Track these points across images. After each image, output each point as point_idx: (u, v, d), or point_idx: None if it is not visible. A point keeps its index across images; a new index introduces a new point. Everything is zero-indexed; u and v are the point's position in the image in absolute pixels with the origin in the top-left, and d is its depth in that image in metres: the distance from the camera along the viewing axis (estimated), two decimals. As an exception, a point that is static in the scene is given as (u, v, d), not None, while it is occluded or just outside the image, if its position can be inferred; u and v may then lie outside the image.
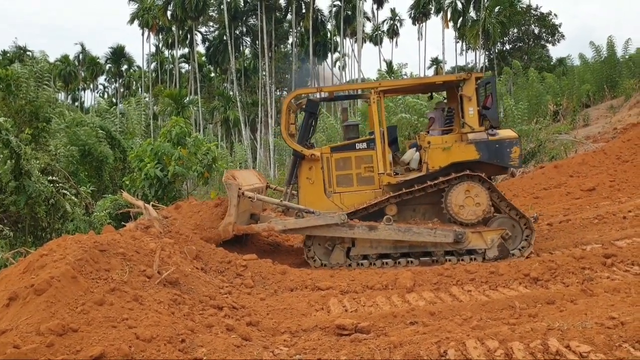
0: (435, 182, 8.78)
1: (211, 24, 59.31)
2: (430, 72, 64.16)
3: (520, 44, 50.73)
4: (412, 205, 9.09)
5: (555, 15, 50.91)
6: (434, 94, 11.44)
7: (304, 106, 9.62)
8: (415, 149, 9.70)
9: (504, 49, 51.65)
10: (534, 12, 49.71)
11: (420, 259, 8.82)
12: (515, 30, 50.52)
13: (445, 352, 4.64)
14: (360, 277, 7.78)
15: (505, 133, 9.26)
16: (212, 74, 63.04)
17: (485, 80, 9.43)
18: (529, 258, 8.52)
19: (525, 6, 49.23)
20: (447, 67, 57.82)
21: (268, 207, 10.20)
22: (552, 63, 46.89)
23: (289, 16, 53.01)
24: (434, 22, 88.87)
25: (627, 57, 27.97)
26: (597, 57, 28.64)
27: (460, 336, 4.95)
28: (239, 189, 8.83)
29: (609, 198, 13.06)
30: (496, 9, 47.21)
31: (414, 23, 59.72)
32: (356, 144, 9.24)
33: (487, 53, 51.72)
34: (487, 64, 50.59)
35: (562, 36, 50.80)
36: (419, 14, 57.29)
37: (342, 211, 8.82)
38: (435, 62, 63.98)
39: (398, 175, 9.30)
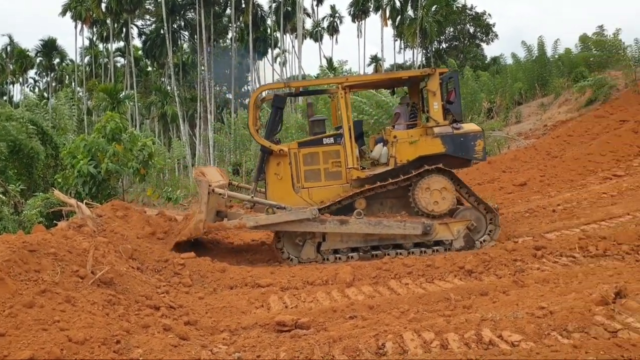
0: (408, 175, 8.89)
1: (148, 17, 57.88)
2: (370, 70, 64.84)
3: (456, 43, 52.01)
4: (379, 199, 9.17)
5: (490, 15, 52.66)
6: (396, 89, 11.53)
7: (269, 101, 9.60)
8: (382, 143, 9.76)
9: (441, 47, 52.83)
10: (469, 12, 51.10)
11: (391, 250, 8.93)
12: (451, 29, 51.78)
13: (383, 344, 4.71)
14: (301, 273, 7.79)
15: (469, 127, 9.46)
16: (149, 69, 61.52)
17: (448, 75, 9.56)
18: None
19: (460, 6, 50.55)
20: (386, 65, 58.73)
21: (234, 203, 10.06)
22: (486, 62, 48.23)
23: (228, 11, 52.39)
24: (373, 19, 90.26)
25: (556, 56, 29.08)
26: (528, 56, 29.66)
27: (398, 329, 5.03)
28: (209, 185, 8.68)
29: (539, 192, 13.61)
30: (433, 8, 48.21)
31: (353, 20, 60.28)
32: (323, 139, 9.24)
33: (424, 51, 52.78)
34: (424, 62, 51.61)
35: (496, 36, 52.47)
36: (358, 12, 57.82)
37: (311, 206, 8.79)
38: (375, 59, 64.74)
39: (365, 169, 9.36)
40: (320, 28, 64.17)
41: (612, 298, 5.43)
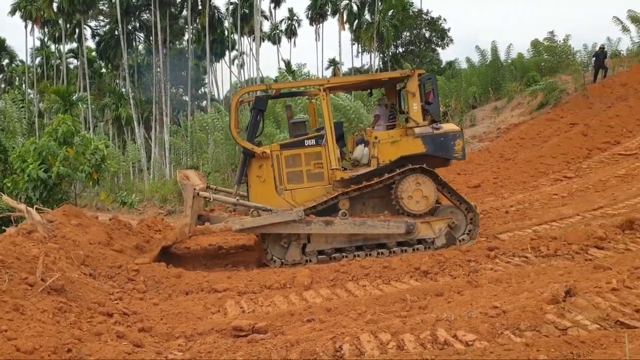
0: (393, 174, 8.99)
1: (101, 18, 56.58)
2: (328, 73, 65.06)
3: (413, 47, 52.71)
4: (362, 200, 9.22)
5: (445, 20, 53.24)
6: (375, 91, 11.63)
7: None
8: (363, 144, 9.79)
9: (397, 51, 53.41)
10: (424, 17, 51.88)
11: (372, 250, 8.99)
12: (408, 34, 52.46)
13: (340, 347, 4.71)
14: (259, 277, 7.74)
15: (449, 127, 9.62)
16: (103, 70, 60.15)
17: (427, 77, 9.65)
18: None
19: (416, 11, 51.24)
20: (344, 69, 58.97)
21: (214, 206, 9.89)
22: (442, 66, 49.04)
23: (184, 12, 51.69)
24: (331, 23, 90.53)
25: (509, 61, 29.80)
26: (482, 61, 30.31)
27: (355, 331, 5.05)
28: (194, 189, 8.54)
29: (493, 194, 13.91)
30: (390, 13, 48.74)
31: (311, 24, 60.32)
32: (305, 141, 9.22)
33: (381, 55, 53.29)
34: (381, 66, 52.12)
35: (451, 40, 53.37)
36: (316, 15, 57.91)
37: (294, 208, 8.77)
38: (333, 63, 64.99)
39: (347, 170, 9.40)
40: (278, 31, 64.06)
41: (563, 297, 5.59)
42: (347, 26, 54.37)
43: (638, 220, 8.79)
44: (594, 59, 24.35)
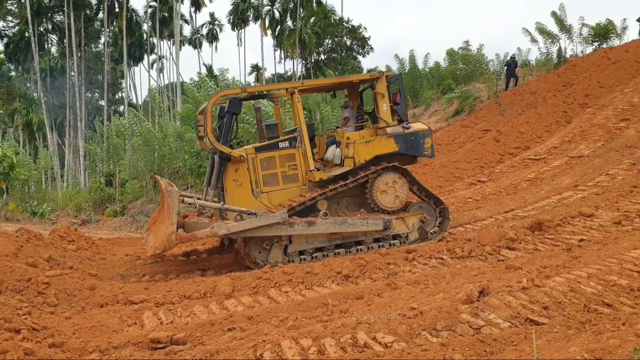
0: (367, 172, 9.20)
1: (10, 18, 53.66)
2: (251, 79, 64.81)
3: (334, 55, 53.42)
4: (337, 199, 9.37)
5: (365, 28, 54.44)
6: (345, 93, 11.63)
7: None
8: (335, 145, 9.87)
9: (320, 58, 53.97)
10: (346, 25, 52.73)
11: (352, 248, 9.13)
12: (330, 41, 53.12)
13: (261, 355, 4.67)
14: (177, 288, 7.54)
15: (418, 126, 9.92)
16: (12, 73, 57.08)
17: (394, 78, 9.91)
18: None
19: (338, 19, 51.99)
20: (267, 74, 58.94)
21: (188, 212, 9.57)
22: (363, 73, 50.02)
23: (100, 14, 49.96)
24: (253, 28, 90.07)
25: (427, 69, 30.79)
26: (401, 69, 31.16)
27: (276, 337, 5.02)
28: (179, 195, 8.35)
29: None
30: (311, 20, 49.20)
31: (233, 29, 59.89)
32: (279, 143, 9.27)
33: (304, 62, 53.65)
34: (304, 72, 52.48)
35: (371, 49, 54.55)
36: (238, 21, 57.54)
37: (269, 210, 8.80)
38: (256, 68, 64.77)
39: (321, 170, 9.44)
40: (199, 35, 63.15)
41: (476, 296, 5.80)
42: (269, 32, 54.45)
43: (546, 222, 9.28)
44: (506, 68, 25.61)
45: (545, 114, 19.88)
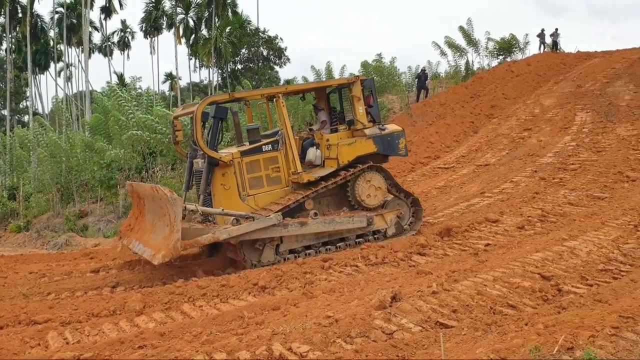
0: (357, 170, 9.63)
1: None
2: (165, 87, 63.44)
3: (251, 65, 53.26)
4: (319, 198, 9.64)
5: (281, 39, 54.58)
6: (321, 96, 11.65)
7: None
8: (315, 147, 10.07)
9: (236, 68, 53.65)
10: (262, 35, 52.73)
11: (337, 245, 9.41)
12: (246, 51, 52.92)
13: (173, 372, 4.54)
14: (85, 305, 7.18)
15: (392, 127, 10.43)
16: None
17: (367, 82, 10.28)
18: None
19: (254, 29, 51.91)
20: (182, 83, 57.90)
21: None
22: (280, 84, 50.13)
23: (2, 19, 47.23)
24: (167, 37, 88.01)
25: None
26: (318, 80, 31.52)
27: (189, 353, 4.90)
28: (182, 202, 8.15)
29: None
30: (227, 29, 48.84)
31: (145, 37, 58.34)
32: (262, 147, 9.41)
33: (220, 71, 53.12)
34: (220, 82, 51.97)
35: (288, 59, 54.81)
36: (151, 28, 56.16)
37: (256, 212, 8.92)
38: (170, 77, 63.40)
39: (303, 172, 9.56)
40: (110, 43, 61.02)
41: (389, 302, 5.93)
42: (183, 40, 53.53)
43: (454, 228, 9.67)
44: (417, 80, 26.53)
45: (454, 125, 20.73)
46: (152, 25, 55.48)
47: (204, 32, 52.92)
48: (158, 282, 8.43)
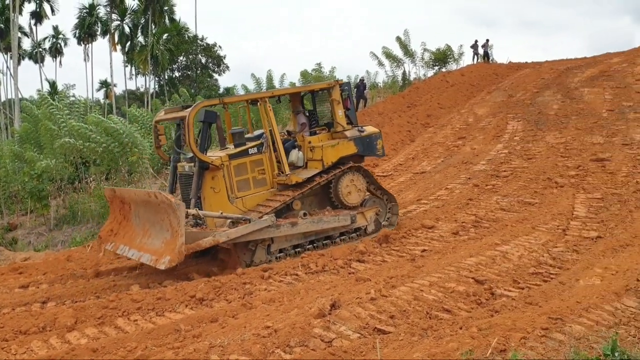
0: (338, 172, 10.02)
1: None
2: (100, 95, 61.70)
3: (189, 72, 52.59)
4: (303, 199, 9.89)
5: (220, 47, 54.25)
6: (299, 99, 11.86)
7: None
8: (297, 149, 10.32)
9: (174, 76, 52.85)
10: (200, 43, 52.19)
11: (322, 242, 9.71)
12: (184, 59, 52.23)
13: (105, 389, 4.38)
14: (12, 323, 6.81)
15: (370, 129, 10.91)
16: None
17: (344, 86, 10.75)
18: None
19: (192, 36, 51.32)
20: (118, 91, 56.47)
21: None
22: (219, 92, 49.63)
23: None
24: (102, 43, 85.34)
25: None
26: (258, 88, 31.42)
27: (123, 369, 4.75)
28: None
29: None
30: (164, 37, 48.08)
31: (79, 43, 56.61)
32: (248, 150, 9.61)
33: (157, 79, 52.17)
34: (157, 89, 51.01)
35: (227, 67, 54.49)
36: (85, 35, 54.56)
37: (245, 214, 9.12)
38: (105, 84, 61.69)
39: (293, 174, 9.82)
40: (41, 49, 58.79)
41: (328, 310, 5.96)
42: (119, 47, 52.29)
43: (392, 234, 9.83)
44: (355, 90, 26.87)
45: (392, 134, 21.10)
46: (86, 31, 53.91)
47: (141, 39, 51.85)
48: (91, 297, 8.11)
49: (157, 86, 51.95)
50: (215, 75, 54.07)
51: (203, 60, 53.07)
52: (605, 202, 11.13)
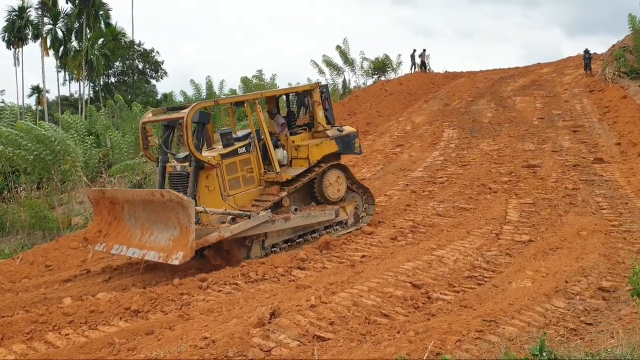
0: (322, 169, 10.56)
1: None
2: (31, 101, 59.15)
3: (126, 78, 51.31)
4: (289, 195, 10.18)
5: (158, 52, 53.13)
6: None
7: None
8: (281, 148, 10.69)
9: (110, 81, 51.44)
10: (137, 48, 51.04)
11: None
12: (120, 64, 50.93)
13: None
14: None
15: (348, 129, 11.58)
16: None
17: (323, 88, 11.37)
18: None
19: (128, 41, 50.11)
20: (50, 97, 54.34)
21: None
22: (157, 98, 48.60)
23: None
24: (33, 47, 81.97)
25: (223, 95, 31.02)
26: (197, 94, 31.04)
27: (52, 386, 4.55)
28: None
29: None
30: (99, 41, 46.75)
31: (8, 47, 54.14)
32: (238, 149, 9.92)
33: (92, 85, 50.63)
34: (92, 95, 49.49)
35: (165, 73, 53.48)
36: (14, 38, 52.27)
37: (238, 210, 9.38)
38: (37, 90, 59.25)
39: (278, 171, 10.16)
40: (-34, 53, 55.98)
41: (268, 319, 5.91)
42: (51, 52, 50.37)
43: (332, 241, 9.87)
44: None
45: (332, 140, 21.22)
46: (15, 35, 51.64)
47: (75, 43, 50.16)
48: (20, 311, 7.73)
49: (92, 92, 50.38)
50: (153, 81, 53.06)
51: (140, 66, 51.92)
52: (536, 206, 11.57)
